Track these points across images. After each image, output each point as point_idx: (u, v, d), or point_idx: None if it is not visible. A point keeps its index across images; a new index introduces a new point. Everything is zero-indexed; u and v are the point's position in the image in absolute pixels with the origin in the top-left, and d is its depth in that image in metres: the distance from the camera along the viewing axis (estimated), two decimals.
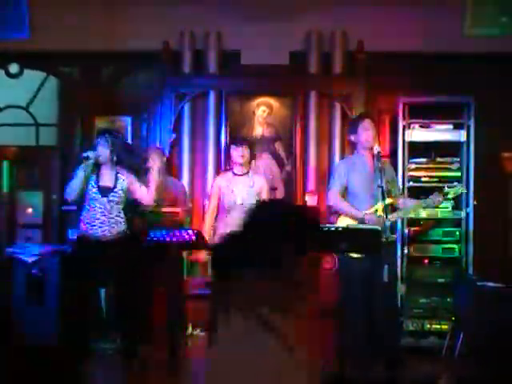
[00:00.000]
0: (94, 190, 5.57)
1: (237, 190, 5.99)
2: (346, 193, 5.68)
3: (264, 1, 7.01)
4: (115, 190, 5.61)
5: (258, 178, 6.16)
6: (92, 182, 5.59)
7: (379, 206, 5.48)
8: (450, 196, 5.46)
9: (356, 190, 5.63)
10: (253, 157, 6.23)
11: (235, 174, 6.07)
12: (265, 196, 6.08)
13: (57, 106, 7.80)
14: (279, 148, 7.38)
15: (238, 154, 5.99)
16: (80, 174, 5.51)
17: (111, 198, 5.58)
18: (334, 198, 5.70)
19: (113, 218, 5.58)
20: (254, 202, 5.88)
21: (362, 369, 5.20)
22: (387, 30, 7.09)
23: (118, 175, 5.66)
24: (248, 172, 6.10)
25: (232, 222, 5.80)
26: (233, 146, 6.08)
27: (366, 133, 5.62)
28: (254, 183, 6.05)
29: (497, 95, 7.15)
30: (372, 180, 5.51)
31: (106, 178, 5.65)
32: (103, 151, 5.60)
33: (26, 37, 7.30)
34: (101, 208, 5.56)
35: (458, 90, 6.89)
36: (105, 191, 5.59)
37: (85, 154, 5.52)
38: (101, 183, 5.61)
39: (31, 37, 7.30)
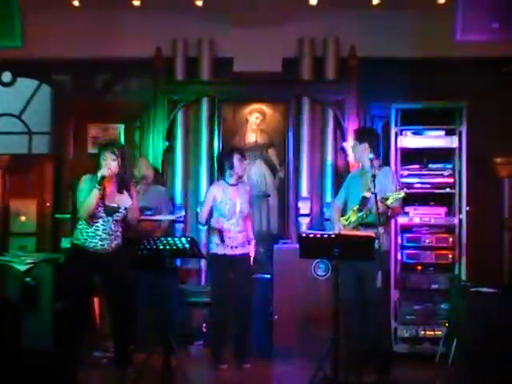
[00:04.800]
0: (100, 208, 5.38)
1: (235, 199, 6.07)
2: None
3: (256, 8, 7.00)
4: (120, 210, 5.45)
5: (246, 187, 6.30)
6: (98, 200, 5.36)
7: (351, 212, 5.69)
8: (389, 202, 5.37)
9: (348, 202, 5.86)
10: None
11: (230, 184, 6.13)
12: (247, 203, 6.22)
13: (50, 114, 7.81)
14: (272, 154, 7.38)
15: (242, 166, 6.13)
16: (94, 193, 5.29)
17: (115, 218, 5.46)
18: (330, 208, 6.15)
19: (113, 233, 5.48)
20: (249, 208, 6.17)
21: (356, 374, 5.21)
22: (379, 36, 7.11)
23: (123, 192, 5.45)
24: (239, 182, 6.22)
25: (229, 228, 6.01)
26: (237, 156, 6.12)
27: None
28: (244, 191, 6.18)
29: (488, 101, 7.17)
30: (358, 190, 5.72)
31: (112, 195, 5.44)
32: (113, 163, 5.36)
33: (19, 45, 7.31)
34: (104, 225, 5.42)
35: (449, 96, 6.90)
36: (110, 211, 5.41)
37: (100, 175, 5.24)
38: (107, 202, 5.40)
39: (24, 45, 7.32)
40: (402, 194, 5.44)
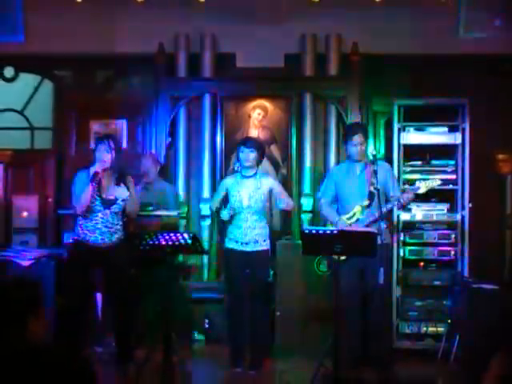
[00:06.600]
0: (97, 202, 5.45)
1: (243, 192, 5.88)
2: (336, 200, 5.75)
3: (259, 3, 6.99)
4: (117, 202, 5.50)
5: (265, 179, 6.00)
6: (94, 193, 5.44)
7: (357, 208, 5.57)
8: (421, 191, 5.36)
9: (345, 197, 5.69)
10: (261, 158, 6.01)
11: (243, 176, 5.93)
12: (275, 196, 5.99)
13: (52, 110, 7.80)
14: (275, 150, 7.37)
15: (245, 156, 5.86)
16: (89, 190, 5.37)
17: (113, 210, 5.50)
18: (320, 206, 5.89)
19: (113, 227, 5.51)
20: (261, 203, 5.88)
21: (356, 370, 5.21)
22: (381, 32, 7.09)
23: (120, 184, 5.52)
24: (256, 174, 5.94)
25: (239, 224, 5.84)
26: (241, 148, 5.92)
27: (354, 148, 5.64)
28: (261, 184, 5.91)
29: (491, 97, 7.16)
30: (360, 186, 5.58)
31: (108, 188, 5.52)
32: (106, 156, 5.46)
33: (21, 40, 7.30)
34: (102, 218, 5.47)
35: (452, 93, 6.89)
36: (108, 203, 5.48)
37: (93, 171, 5.37)
38: (103, 195, 5.48)
39: (26, 40, 7.30)
40: (438, 182, 5.40)
